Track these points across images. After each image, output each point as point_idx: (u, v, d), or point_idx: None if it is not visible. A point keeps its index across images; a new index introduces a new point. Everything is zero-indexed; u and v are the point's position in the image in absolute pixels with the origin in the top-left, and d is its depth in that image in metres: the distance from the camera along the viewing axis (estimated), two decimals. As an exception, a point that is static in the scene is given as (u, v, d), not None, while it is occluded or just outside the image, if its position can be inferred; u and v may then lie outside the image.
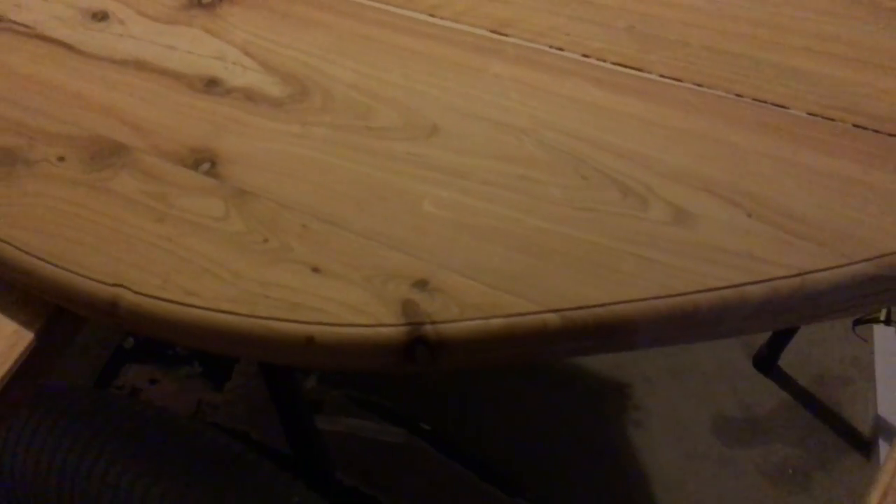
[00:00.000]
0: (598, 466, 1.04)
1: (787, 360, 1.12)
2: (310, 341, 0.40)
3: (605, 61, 0.51)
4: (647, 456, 1.05)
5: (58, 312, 0.46)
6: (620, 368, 1.12)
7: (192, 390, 1.07)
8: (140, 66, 0.54)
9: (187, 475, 0.56)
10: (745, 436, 1.05)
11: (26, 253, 0.44)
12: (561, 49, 0.52)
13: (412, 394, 1.07)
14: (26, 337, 0.45)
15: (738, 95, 0.48)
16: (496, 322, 0.39)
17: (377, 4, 0.57)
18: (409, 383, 1.06)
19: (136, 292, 0.42)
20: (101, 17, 0.58)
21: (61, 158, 0.49)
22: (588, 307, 0.39)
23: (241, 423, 1.01)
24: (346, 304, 0.40)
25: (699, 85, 0.49)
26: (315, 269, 0.42)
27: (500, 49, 0.53)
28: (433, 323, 0.39)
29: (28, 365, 0.44)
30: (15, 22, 0.58)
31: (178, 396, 1.06)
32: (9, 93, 0.53)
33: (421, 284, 0.41)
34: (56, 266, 0.43)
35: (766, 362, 1.12)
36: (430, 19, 0.55)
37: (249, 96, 0.51)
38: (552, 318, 0.39)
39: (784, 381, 1.10)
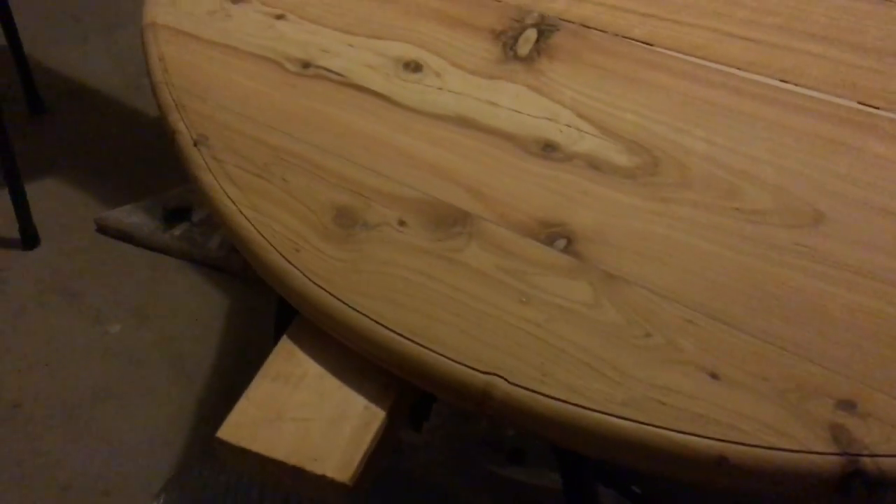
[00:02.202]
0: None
1: None
2: (721, 461, 0.36)
3: None
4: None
5: (406, 385, 0.44)
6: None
7: (388, 425, 1.06)
8: (464, 123, 0.52)
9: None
10: None
11: (383, 326, 0.42)
12: (950, 128, 0.46)
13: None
14: (378, 415, 0.43)
15: None
16: (956, 463, 0.34)
17: (716, 66, 0.53)
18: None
19: (511, 383, 0.39)
20: (414, 67, 0.56)
21: (402, 223, 0.47)
22: None
23: (442, 469, 0.99)
24: (759, 420, 0.36)
25: None
26: (713, 375, 0.38)
27: (874, 124, 0.47)
28: (872, 456, 0.34)
29: (380, 444, 0.42)
30: (325, 69, 0.57)
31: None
32: (335, 146, 0.52)
33: (848, 406, 0.36)
34: (419, 345, 0.41)
35: None
36: (783, 85, 0.51)
37: (593, 164, 0.48)
38: None
39: None
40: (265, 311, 1.28)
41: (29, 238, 1.40)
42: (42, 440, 1.12)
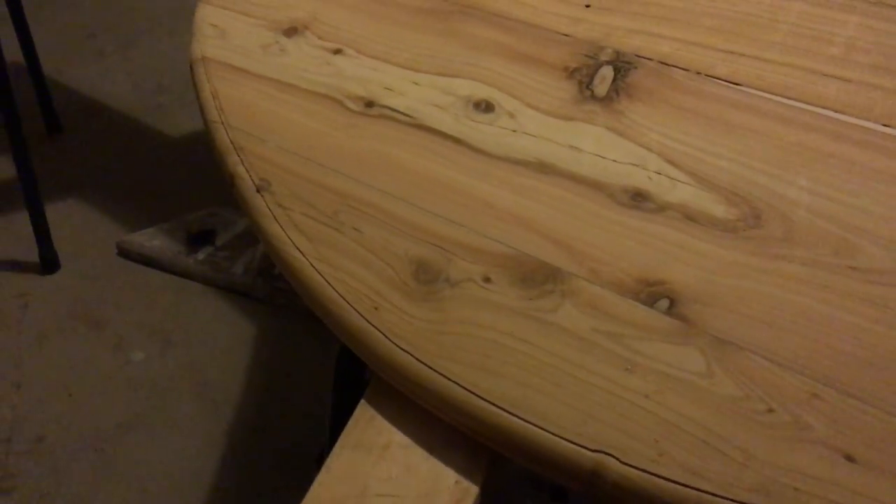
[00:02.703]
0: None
1: None
2: (866, 556, 0.33)
3: None
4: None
5: (496, 454, 0.41)
6: None
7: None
8: (545, 169, 0.49)
9: None
10: None
11: (478, 396, 0.39)
12: None
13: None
14: (471, 490, 0.40)
15: None
16: None
17: (811, 108, 0.50)
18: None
19: (624, 463, 0.36)
20: (485, 107, 0.54)
21: (487, 279, 0.44)
22: None
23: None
24: (905, 510, 0.33)
25: None
26: (848, 458, 0.35)
27: None
28: None
29: (473, 524, 0.39)
30: (390, 108, 0.55)
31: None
32: (408, 193, 0.49)
33: None
34: (520, 418, 0.38)
35: None
36: (886, 130, 0.48)
37: (689, 216, 0.45)
38: None
39: None
40: (291, 337, 1.25)
41: (49, 262, 1.37)
42: (67, 475, 1.09)
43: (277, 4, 0.65)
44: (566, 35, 0.58)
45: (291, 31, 0.62)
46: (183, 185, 1.52)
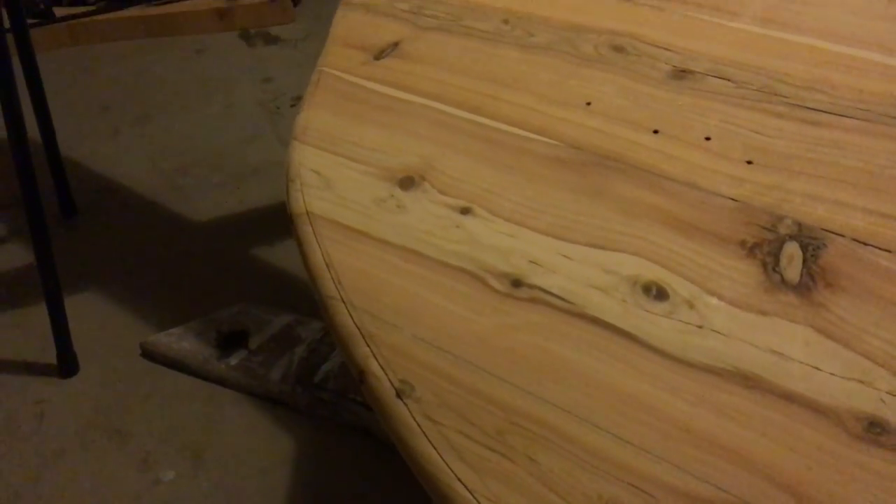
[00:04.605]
0: None
1: None
2: None
3: None
4: None
5: None
6: None
7: None
8: (748, 382, 0.41)
9: None
10: None
11: None
12: None
13: None
14: None
15: None
16: None
17: None
18: None
19: None
20: (656, 293, 0.46)
21: (710, 540, 0.36)
22: None
23: None
24: None
25: None
26: None
27: None
28: None
29: None
30: (541, 289, 0.47)
31: None
32: (585, 408, 0.41)
33: None
34: None
35: None
36: None
37: (946, 458, 0.37)
38: None
39: None
40: (334, 454, 1.15)
41: (67, 365, 1.27)
42: None
43: (386, 148, 0.58)
44: (732, 199, 0.51)
45: (408, 183, 0.55)
46: (208, 278, 1.44)
